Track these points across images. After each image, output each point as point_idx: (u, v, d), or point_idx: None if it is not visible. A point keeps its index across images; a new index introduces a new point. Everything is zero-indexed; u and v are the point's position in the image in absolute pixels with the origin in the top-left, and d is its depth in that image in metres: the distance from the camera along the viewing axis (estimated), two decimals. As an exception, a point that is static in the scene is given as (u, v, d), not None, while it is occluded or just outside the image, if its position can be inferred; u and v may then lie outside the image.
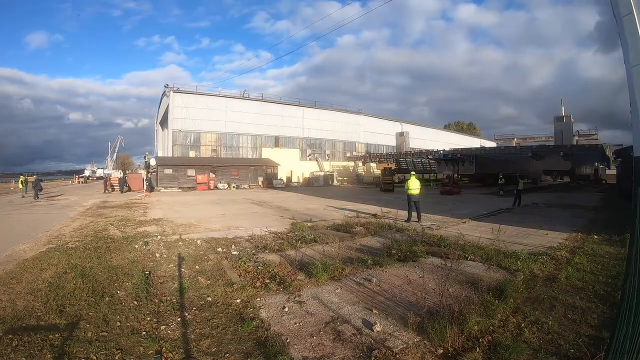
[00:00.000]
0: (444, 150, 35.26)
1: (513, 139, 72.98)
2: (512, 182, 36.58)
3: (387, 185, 27.57)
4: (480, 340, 3.14)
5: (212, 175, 32.80)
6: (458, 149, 35.04)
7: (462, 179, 45.14)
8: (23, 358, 2.95)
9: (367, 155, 49.12)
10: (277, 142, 45.91)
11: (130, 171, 42.71)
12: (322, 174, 40.59)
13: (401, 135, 51.84)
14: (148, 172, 32.40)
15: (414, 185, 10.94)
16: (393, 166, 40.66)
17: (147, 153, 40.73)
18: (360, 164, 47.44)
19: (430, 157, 36.34)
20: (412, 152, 41.61)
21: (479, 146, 39.15)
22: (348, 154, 50.74)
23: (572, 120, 48.58)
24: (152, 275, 5.17)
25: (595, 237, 8.22)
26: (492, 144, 68.34)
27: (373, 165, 45.93)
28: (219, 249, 6.94)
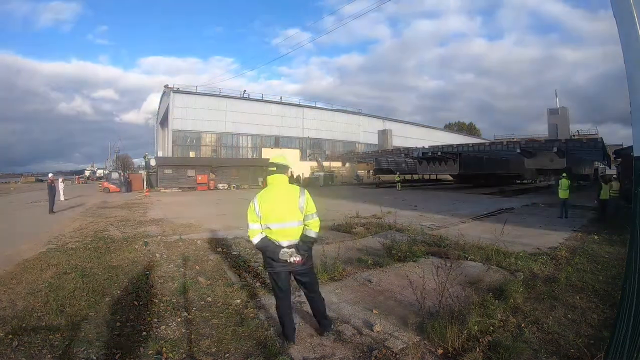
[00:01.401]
0: (423, 147, 31.75)
1: (513, 139, 71.98)
2: (503, 182, 34.86)
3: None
4: (480, 340, 3.13)
5: (212, 176, 32.82)
6: (437, 146, 30.98)
7: (437, 179, 42.58)
8: (23, 358, 2.95)
9: (347, 154, 46.18)
10: (277, 142, 45.94)
11: (130, 171, 42.64)
12: (322, 174, 40.61)
13: (384, 133, 47.99)
14: (148, 172, 32.40)
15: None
16: (367, 167, 38.96)
17: (146, 154, 40.73)
18: (340, 164, 45.57)
19: (405, 155, 32.87)
20: (389, 150, 38.12)
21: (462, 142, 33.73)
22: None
23: (568, 113, 44.20)
24: (152, 275, 5.17)
25: (595, 237, 8.22)
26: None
27: (348, 165, 44.28)
28: (219, 249, 6.94)
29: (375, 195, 23.34)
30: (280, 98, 48.80)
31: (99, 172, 63.04)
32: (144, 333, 3.39)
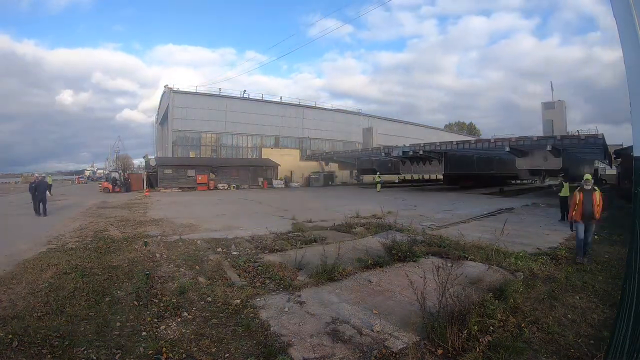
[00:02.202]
0: (404, 146, 28.84)
1: (510, 139, 58.13)
2: (493, 183, 32.32)
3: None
4: (480, 340, 3.13)
5: (212, 176, 32.82)
6: (419, 144, 27.84)
7: (416, 180, 39.84)
8: (23, 358, 2.95)
9: (327, 153, 42.84)
10: (277, 142, 45.91)
11: (130, 171, 42.63)
12: (322, 174, 40.56)
13: (368, 130, 43.93)
14: (148, 172, 32.41)
15: None
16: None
17: (146, 154, 40.76)
18: (324, 163, 43.02)
19: (386, 154, 30.07)
20: (369, 149, 34.78)
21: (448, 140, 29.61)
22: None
23: (565, 107, 36.83)
24: (152, 275, 5.16)
25: (596, 237, 8.22)
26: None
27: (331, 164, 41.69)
28: (219, 249, 6.94)
29: (375, 195, 23.33)
30: (280, 98, 48.77)
31: (99, 172, 63.08)
32: (144, 333, 3.39)
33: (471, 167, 29.67)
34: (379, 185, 28.40)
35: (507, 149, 21.35)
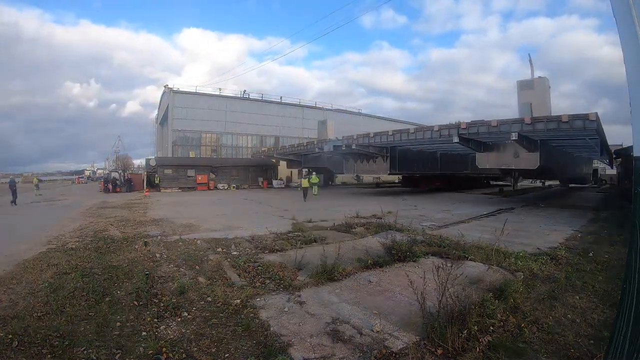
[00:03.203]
0: (336, 139, 24.37)
1: (459, 125, 19.55)
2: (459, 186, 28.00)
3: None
4: (480, 340, 3.14)
5: (212, 176, 32.81)
6: (352, 136, 22.86)
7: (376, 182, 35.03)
8: (23, 358, 2.95)
9: (268, 151, 37.99)
10: (277, 142, 45.91)
11: (130, 171, 42.66)
12: (322, 174, 40.55)
13: (323, 124, 37.27)
14: (148, 172, 32.43)
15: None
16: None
17: (148, 156, 40.85)
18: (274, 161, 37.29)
19: (319, 149, 25.38)
20: (304, 145, 29.82)
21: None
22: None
23: (549, 86, 25.21)
24: (152, 275, 5.16)
25: (596, 236, 8.23)
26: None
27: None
28: (219, 249, 6.94)
29: (375, 195, 23.33)
30: (280, 98, 48.83)
31: (99, 172, 63.07)
32: (144, 333, 3.39)
33: (433, 166, 24.84)
34: (317, 188, 22.45)
35: (456, 139, 15.57)
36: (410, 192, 26.35)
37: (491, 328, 3.41)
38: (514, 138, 13.73)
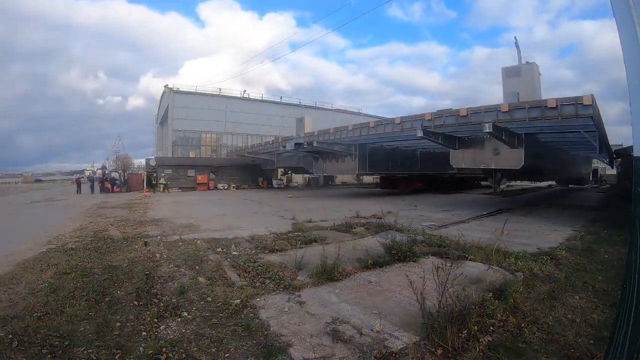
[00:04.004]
0: (298, 136, 23.13)
1: (423, 116, 14.54)
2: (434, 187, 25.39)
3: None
4: (480, 340, 3.14)
5: (212, 176, 32.83)
6: (313, 132, 21.26)
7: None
8: (23, 358, 2.95)
9: (231, 152, 37.47)
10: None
11: (130, 171, 42.65)
12: (322, 174, 40.55)
13: (300, 121, 34.68)
14: (147, 172, 32.45)
15: None
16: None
17: (148, 157, 40.88)
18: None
19: (283, 147, 24.10)
20: (270, 142, 29.23)
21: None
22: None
23: (539, 74, 21.27)
24: (152, 275, 5.17)
25: (596, 236, 8.23)
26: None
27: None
28: (219, 249, 6.94)
29: (375, 195, 23.33)
30: (280, 98, 48.89)
31: (99, 172, 62.97)
32: (144, 333, 3.39)
33: (412, 166, 22.95)
34: (234, 186, 22.71)
35: (420, 133, 13.32)
36: (391, 194, 24.65)
37: (491, 328, 3.41)
38: (487, 130, 11.20)
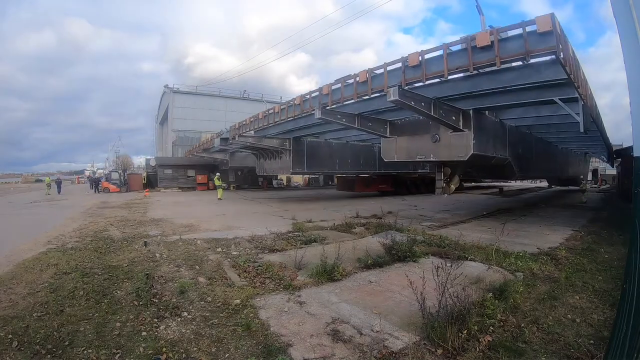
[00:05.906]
0: (224, 131, 20.89)
1: (358, 76, 9.36)
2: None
3: None
4: (480, 340, 3.14)
5: (213, 175, 32.80)
6: (234, 125, 19.19)
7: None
8: (23, 358, 2.95)
9: (190, 151, 34.34)
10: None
11: (130, 171, 42.67)
12: (321, 174, 40.55)
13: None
14: (147, 172, 32.46)
15: None
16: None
17: (147, 156, 40.93)
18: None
19: (212, 146, 22.31)
20: (209, 139, 26.18)
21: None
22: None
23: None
24: (152, 275, 5.17)
25: (596, 236, 8.23)
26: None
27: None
28: (219, 249, 6.94)
29: (375, 195, 23.32)
30: (281, 98, 48.82)
31: (99, 172, 63.02)
32: (144, 333, 3.39)
33: (369, 164, 19.99)
34: (220, 191, 20.78)
35: (319, 114, 10.23)
36: (351, 197, 22.00)
37: (491, 328, 3.41)
38: (392, 98, 7.36)
